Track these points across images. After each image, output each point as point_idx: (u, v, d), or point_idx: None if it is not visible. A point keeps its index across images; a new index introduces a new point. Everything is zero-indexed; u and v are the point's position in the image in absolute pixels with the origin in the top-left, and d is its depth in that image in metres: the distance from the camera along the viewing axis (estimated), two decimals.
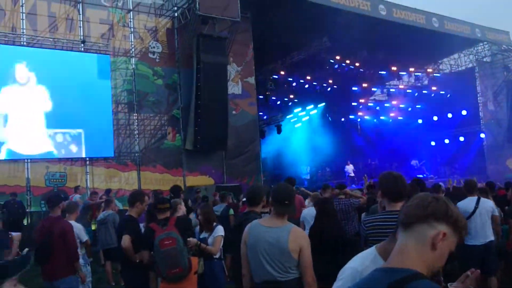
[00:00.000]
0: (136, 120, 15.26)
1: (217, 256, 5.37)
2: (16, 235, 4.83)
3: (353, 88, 25.66)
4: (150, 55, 15.64)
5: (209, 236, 5.42)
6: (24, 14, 13.62)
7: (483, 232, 6.01)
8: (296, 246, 3.23)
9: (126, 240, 4.91)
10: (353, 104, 26.49)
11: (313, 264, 3.19)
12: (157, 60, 15.73)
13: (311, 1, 16.12)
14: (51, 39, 13.94)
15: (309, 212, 7.14)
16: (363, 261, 1.99)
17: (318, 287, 5.27)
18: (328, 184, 9.27)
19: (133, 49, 15.40)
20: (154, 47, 15.72)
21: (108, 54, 14.78)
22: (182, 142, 15.73)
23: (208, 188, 14.26)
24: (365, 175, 13.21)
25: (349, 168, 22.47)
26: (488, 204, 6.19)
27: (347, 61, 22.34)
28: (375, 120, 27.27)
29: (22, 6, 13.58)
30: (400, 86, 26.90)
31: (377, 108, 27.33)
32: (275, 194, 3.43)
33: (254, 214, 4.23)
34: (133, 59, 15.40)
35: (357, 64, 22.63)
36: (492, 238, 6.06)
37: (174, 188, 9.14)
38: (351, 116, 26.86)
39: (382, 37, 19.26)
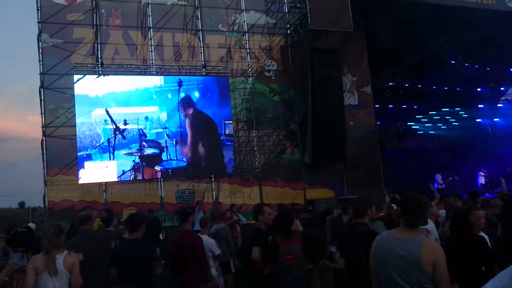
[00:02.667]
0: (255, 137, 15.79)
1: None
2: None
3: (478, 89, 23.76)
4: (266, 73, 16.17)
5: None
6: (152, 47, 14.98)
7: None
8: (430, 260, 3.08)
9: (256, 252, 4.95)
10: (479, 106, 24.50)
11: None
12: (272, 78, 16.21)
13: (428, 2, 15.37)
14: (176, 67, 15.10)
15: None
16: (502, 278, 1.86)
17: None
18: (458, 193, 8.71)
19: (249, 69, 16.05)
20: (269, 65, 16.23)
21: (227, 76, 15.58)
22: (301, 156, 15.90)
23: (329, 201, 14.18)
24: (502, 178, 11.76)
25: (481, 175, 20.67)
26: None
27: (471, 60, 20.84)
28: (507, 122, 24.86)
29: (151, 39, 14.95)
30: None
31: (509, 109, 24.93)
32: (404, 204, 3.32)
33: (361, 226, 4.12)
34: (250, 79, 16.04)
35: (481, 63, 20.98)
36: None
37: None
38: (477, 120, 24.85)
39: (508, 31, 17.62)
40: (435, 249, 3.19)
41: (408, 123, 22.30)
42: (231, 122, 15.41)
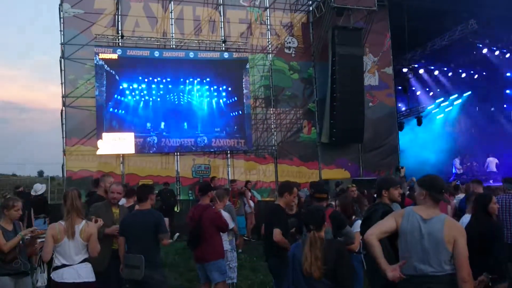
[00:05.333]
0: (273, 115, 15.72)
1: (356, 250, 5.30)
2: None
3: (507, 74, 23.11)
4: (286, 50, 16.00)
5: None
6: (173, 20, 14.90)
7: None
8: (451, 238, 3.08)
9: (277, 234, 4.96)
10: (506, 92, 23.85)
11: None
12: (293, 55, 16.03)
13: None
14: (196, 41, 15.02)
15: None
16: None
17: None
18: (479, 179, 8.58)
19: (269, 46, 15.88)
20: (290, 42, 16.03)
21: (246, 52, 15.45)
22: (318, 135, 15.83)
23: (344, 182, 14.11)
24: None
25: (492, 162, 20.06)
26: None
27: (499, 45, 20.23)
28: None
29: (171, 12, 14.87)
30: None
31: None
32: (432, 183, 3.34)
33: (383, 205, 4.10)
34: (270, 55, 15.89)
35: (510, 48, 20.35)
36: None
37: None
38: (504, 105, 24.22)
39: None
40: (457, 227, 3.22)
41: (429, 107, 21.88)
42: (250, 98, 15.36)
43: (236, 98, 15.18)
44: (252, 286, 7.46)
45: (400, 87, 19.96)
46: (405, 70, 20.21)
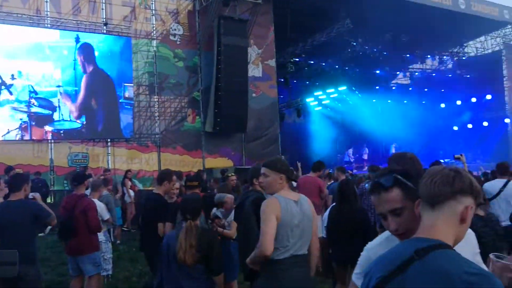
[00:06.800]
0: (157, 102, 15.40)
1: (233, 237, 5.44)
2: (37, 195, 4.97)
3: (376, 72, 25.26)
4: (171, 38, 15.71)
5: (224, 216, 5.51)
6: None
7: (505, 215, 5.90)
8: (313, 214, 3.32)
9: (161, 228, 4.96)
10: (376, 88, 26.06)
11: (332, 249, 3.17)
12: (178, 43, 15.79)
13: None
14: (74, 21, 14.09)
15: None
16: (375, 241, 2.00)
17: (337, 272, 5.33)
18: (344, 167, 9.28)
19: (154, 32, 15.47)
20: (175, 30, 15.77)
21: (129, 37, 14.89)
22: (202, 124, 15.85)
23: (229, 170, 14.36)
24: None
25: (349, 152, 22.92)
26: None
27: (370, 44, 21.99)
28: (396, 104, 26.74)
29: None
30: (424, 70, 26.37)
31: (400, 92, 26.81)
32: (287, 166, 3.41)
33: (255, 192, 4.26)
34: (155, 42, 15.49)
35: (380, 47, 22.26)
36: None
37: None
38: (373, 100, 26.44)
39: (406, 19, 18.81)
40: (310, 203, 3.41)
41: (308, 99, 23.08)
42: (132, 85, 14.87)
43: None
44: (130, 278, 7.31)
45: (282, 79, 20.77)
46: (287, 63, 21.05)
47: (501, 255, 1.63)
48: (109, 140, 14.57)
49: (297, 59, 21.57)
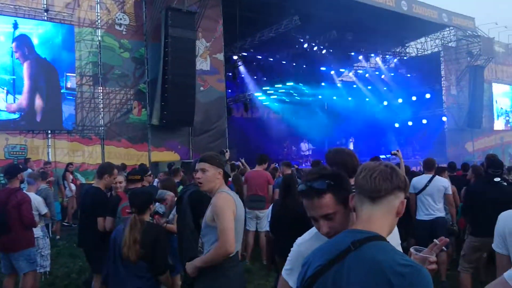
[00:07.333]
0: (101, 94, 14.97)
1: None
2: None
3: (322, 68, 25.79)
4: (117, 27, 15.28)
5: (168, 211, 5.47)
6: None
7: (431, 208, 6.26)
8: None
9: (101, 223, 4.95)
10: (322, 84, 26.61)
11: (275, 243, 3.18)
12: (124, 33, 15.39)
13: None
14: (12, 6, 13.41)
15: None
16: (305, 236, 2.03)
17: (280, 265, 5.42)
18: (289, 161, 9.45)
19: (99, 20, 14.99)
20: (121, 19, 15.35)
21: (72, 25, 14.35)
22: (148, 117, 15.57)
23: (175, 164, 14.20)
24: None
25: (304, 146, 23.43)
26: (441, 182, 6.40)
27: (317, 41, 22.38)
28: (341, 100, 27.46)
29: None
30: (368, 68, 27.22)
31: (345, 89, 27.53)
32: (222, 160, 3.41)
33: (194, 185, 4.30)
34: (99, 31, 15.01)
35: (326, 45, 22.70)
36: (440, 214, 6.30)
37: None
38: (319, 96, 27.00)
39: (351, 18, 19.32)
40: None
41: (255, 94, 23.24)
42: (74, 75, 14.35)
43: None
44: (69, 274, 7.12)
45: (230, 74, 20.77)
46: (235, 57, 21.06)
47: (420, 248, 1.73)
48: (49, 131, 14.00)
49: (246, 54, 21.63)
